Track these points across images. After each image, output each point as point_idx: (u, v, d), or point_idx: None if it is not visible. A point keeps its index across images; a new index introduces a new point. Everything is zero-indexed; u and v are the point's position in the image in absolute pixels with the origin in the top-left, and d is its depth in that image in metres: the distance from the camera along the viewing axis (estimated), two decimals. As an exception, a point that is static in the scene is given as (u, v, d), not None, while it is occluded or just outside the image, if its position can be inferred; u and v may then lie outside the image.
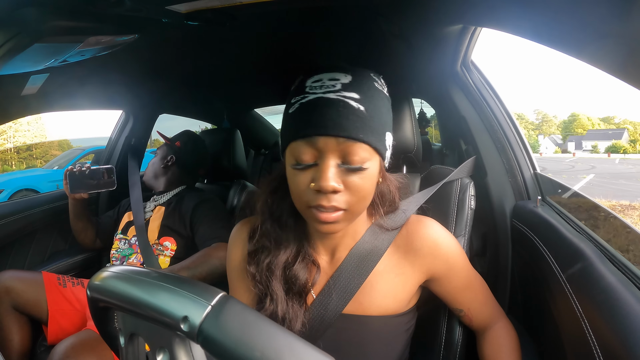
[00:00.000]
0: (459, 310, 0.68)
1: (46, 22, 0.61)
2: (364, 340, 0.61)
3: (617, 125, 65.42)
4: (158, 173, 1.40)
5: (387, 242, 0.62)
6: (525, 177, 1.02)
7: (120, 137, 1.68)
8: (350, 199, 0.52)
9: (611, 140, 48.76)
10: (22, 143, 19.74)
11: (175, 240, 1.24)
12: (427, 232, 0.62)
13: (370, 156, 0.52)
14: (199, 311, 0.29)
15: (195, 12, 0.72)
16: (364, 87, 0.53)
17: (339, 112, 0.50)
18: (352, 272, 0.61)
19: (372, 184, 0.54)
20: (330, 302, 0.60)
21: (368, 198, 0.55)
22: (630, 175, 15.54)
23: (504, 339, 0.68)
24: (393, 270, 0.62)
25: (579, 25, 0.45)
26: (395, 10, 0.86)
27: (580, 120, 65.60)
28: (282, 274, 0.60)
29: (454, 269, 0.64)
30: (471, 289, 0.67)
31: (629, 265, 0.60)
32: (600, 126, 67.34)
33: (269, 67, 1.37)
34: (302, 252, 0.62)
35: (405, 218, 0.64)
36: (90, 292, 0.37)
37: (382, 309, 0.61)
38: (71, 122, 78.22)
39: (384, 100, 0.56)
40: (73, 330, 1.15)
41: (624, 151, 43.91)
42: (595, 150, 46.37)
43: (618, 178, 14.33)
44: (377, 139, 0.53)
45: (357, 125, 0.50)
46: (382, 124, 0.54)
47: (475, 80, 1.12)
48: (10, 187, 5.76)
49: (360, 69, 0.55)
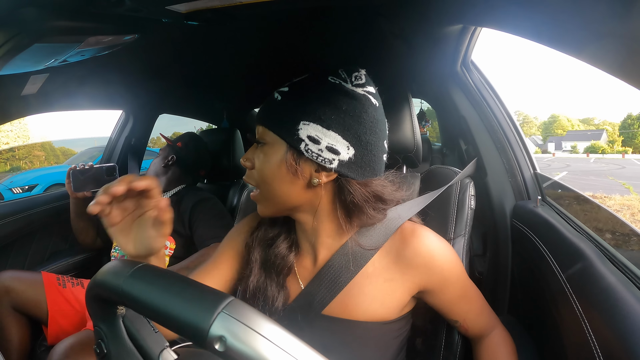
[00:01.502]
0: (454, 321, 0.67)
1: (46, 22, 0.61)
2: (350, 345, 0.60)
3: (597, 127, 66.02)
4: (159, 172, 1.40)
5: (375, 248, 0.61)
6: (525, 177, 1.02)
7: (120, 137, 1.68)
8: (257, 175, 0.59)
9: (590, 140, 49.14)
10: (5, 143, 19.68)
11: (174, 239, 1.24)
12: (421, 244, 0.60)
13: (272, 140, 0.56)
14: (236, 331, 0.28)
15: (195, 12, 0.72)
16: (303, 81, 0.57)
17: (265, 104, 0.59)
18: (337, 271, 0.60)
19: (270, 163, 0.57)
20: (317, 294, 0.60)
21: (269, 180, 0.57)
22: (601, 172, 16.34)
23: (500, 346, 0.68)
24: (382, 275, 0.60)
25: (579, 25, 0.45)
26: (395, 10, 0.86)
27: (560, 121, 65.93)
28: (265, 247, 0.65)
29: (449, 282, 0.62)
30: (466, 300, 0.66)
31: (629, 265, 0.60)
32: (580, 127, 67.74)
33: (269, 67, 1.37)
34: (290, 237, 0.65)
35: (396, 225, 0.61)
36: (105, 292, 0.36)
37: (368, 314, 0.60)
38: (54, 123, 78.22)
39: (325, 93, 0.54)
40: (73, 331, 1.15)
41: (602, 151, 44.31)
42: (574, 151, 46.75)
43: (589, 175, 14.99)
44: (278, 126, 0.55)
45: (266, 113, 0.58)
46: (298, 112, 0.54)
47: (475, 80, 1.12)
48: (44, 181, 5.84)
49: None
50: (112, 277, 0.36)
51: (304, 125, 0.54)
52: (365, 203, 0.57)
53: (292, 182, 0.56)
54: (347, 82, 0.55)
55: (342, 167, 0.55)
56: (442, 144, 2.36)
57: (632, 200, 7.77)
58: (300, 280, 0.64)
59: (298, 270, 0.64)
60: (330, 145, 0.53)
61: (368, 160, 0.56)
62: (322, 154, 0.54)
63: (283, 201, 0.58)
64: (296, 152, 0.55)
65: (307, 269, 0.64)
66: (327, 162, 0.54)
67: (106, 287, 0.36)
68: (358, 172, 0.56)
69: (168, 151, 1.42)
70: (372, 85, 0.58)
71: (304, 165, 0.55)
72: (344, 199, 0.57)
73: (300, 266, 0.65)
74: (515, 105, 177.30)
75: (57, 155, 15.15)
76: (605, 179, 12.54)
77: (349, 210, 0.58)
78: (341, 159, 0.54)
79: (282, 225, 0.67)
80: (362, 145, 0.55)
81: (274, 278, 0.63)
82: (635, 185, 10.67)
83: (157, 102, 1.69)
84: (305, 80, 0.58)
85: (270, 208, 0.61)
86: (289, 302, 0.63)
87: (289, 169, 0.55)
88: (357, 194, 0.56)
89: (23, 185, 5.77)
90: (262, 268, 0.64)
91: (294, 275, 0.64)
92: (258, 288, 0.63)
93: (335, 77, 0.56)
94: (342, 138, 0.54)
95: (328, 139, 0.53)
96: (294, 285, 0.64)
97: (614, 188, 9.78)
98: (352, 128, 0.54)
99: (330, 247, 0.62)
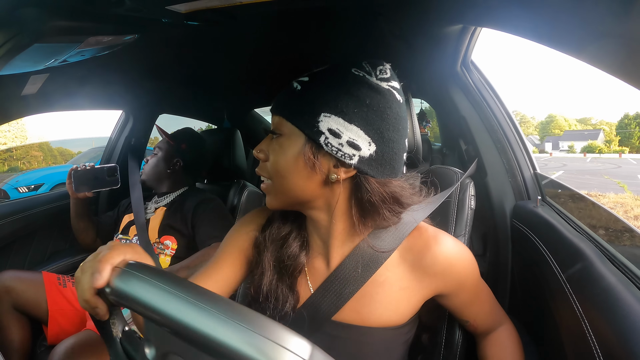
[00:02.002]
0: (465, 321, 0.67)
1: (46, 22, 0.61)
2: (361, 351, 0.59)
3: (594, 126, 65.86)
4: (163, 176, 1.36)
5: (389, 251, 0.58)
6: (525, 177, 1.02)
7: (120, 137, 1.68)
8: (270, 168, 0.56)
9: (587, 140, 49.27)
10: (3, 144, 19.67)
11: (176, 240, 1.24)
12: (439, 251, 0.57)
13: (289, 131, 0.54)
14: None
15: (195, 12, 0.72)
16: (324, 71, 0.55)
17: (283, 93, 0.56)
18: (348, 277, 0.58)
19: (286, 155, 0.54)
20: (323, 303, 0.59)
21: (284, 173, 0.54)
22: (596, 171, 16.69)
23: (507, 340, 0.67)
24: (397, 283, 0.59)
25: (579, 25, 0.45)
26: (395, 10, 0.86)
27: (557, 121, 65.88)
28: (277, 248, 0.62)
29: (464, 286, 0.61)
30: (479, 301, 0.65)
31: (629, 265, 0.60)
32: (577, 127, 67.70)
33: (269, 67, 1.37)
34: (301, 235, 0.63)
35: (410, 229, 0.58)
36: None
37: (382, 321, 0.59)
38: (52, 123, 78.18)
39: (348, 85, 0.52)
40: (73, 330, 1.15)
41: (599, 151, 44.45)
42: (571, 151, 46.90)
43: (584, 174, 15.24)
44: (297, 117, 0.53)
45: (284, 103, 0.55)
46: (318, 103, 0.52)
47: (475, 81, 1.12)
48: (50, 181, 5.88)
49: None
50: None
51: (324, 117, 0.51)
52: (382, 203, 0.54)
53: (308, 177, 0.54)
54: (371, 75, 0.53)
55: (362, 163, 0.52)
56: (442, 144, 2.36)
57: (625, 198, 7.88)
58: (309, 282, 0.62)
59: (308, 271, 0.62)
60: (352, 140, 0.51)
61: (389, 158, 0.54)
62: (342, 149, 0.51)
63: (296, 195, 0.56)
64: (315, 145, 0.52)
65: (317, 270, 0.62)
66: (347, 157, 0.51)
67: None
68: (378, 170, 0.53)
69: (171, 153, 1.38)
70: (397, 81, 0.55)
71: (322, 159, 0.53)
72: (361, 197, 0.54)
73: (310, 267, 0.62)
74: (513, 105, 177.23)
75: (54, 156, 15.18)
76: (600, 178, 12.75)
77: (365, 209, 0.55)
78: (362, 154, 0.52)
79: (293, 222, 0.63)
80: (385, 142, 0.53)
81: (286, 280, 0.60)
82: (630, 184, 10.79)
83: (157, 102, 1.69)
84: (327, 70, 0.55)
85: (280, 201, 0.58)
86: (298, 305, 0.61)
87: (306, 162, 0.53)
88: (375, 193, 0.53)
89: (29, 184, 5.79)
90: (275, 269, 0.61)
91: (304, 276, 0.62)
92: (270, 290, 0.60)
93: (358, 69, 0.53)
94: (364, 133, 0.51)
95: (350, 133, 0.51)
96: (304, 287, 0.62)
97: (608, 187, 9.95)
98: (374, 123, 0.52)
99: (342, 249, 0.60)
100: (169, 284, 0.34)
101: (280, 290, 0.60)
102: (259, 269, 0.62)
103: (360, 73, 0.53)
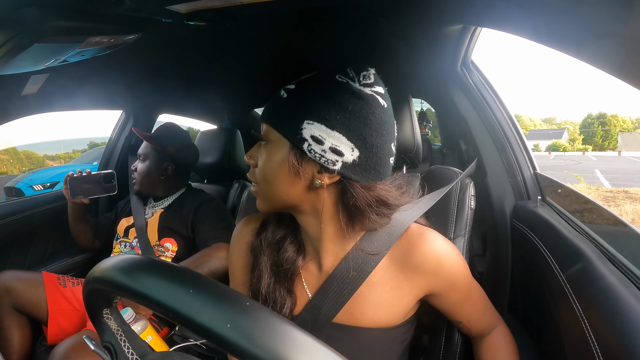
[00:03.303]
0: (458, 322, 0.67)
1: (46, 22, 0.61)
2: (356, 351, 0.60)
3: (558, 126, 66.89)
4: (156, 182, 1.33)
5: (381, 253, 0.59)
6: (525, 177, 1.02)
7: (120, 137, 1.68)
8: (257, 173, 0.58)
9: (552, 139, 50.02)
10: None
11: (175, 242, 1.24)
12: (428, 249, 0.59)
13: (275, 138, 0.55)
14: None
15: (195, 12, 0.72)
16: (309, 79, 0.55)
17: (271, 101, 0.57)
18: (343, 279, 0.59)
19: (271, 162, 0.55)
20: (324, 305, 0.59)
21: (270, 179, 0.56)
22: (558, 167, 17.75)
23: (502, 343, 0.68)
24: (388, 283, 0.60)
25: (579, 25, 0.45)
26: (395, 10, 0.86)
27: (523, 121, 66.43)
28: (273, 252, 0.63)
29: (455, 285, 0.61)
30: (471, 302, 0.65)
31: (629, 265, 0.60)
32: (542, 126, 68.56)
33: (269, 67, 1.37)
34: (296, 239, 0.64)
35: (401, 230, 0.60)
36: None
37: (374, 321, 0.59)
38: (21, 127, 77.83)
39: (331, 92, 0.53)
40: (73, 330, 1.15)
41: (564, 149, 45.33)
42: (537, 149, 47.26)
43: (547, 169, 16.15)
44: (282, 124, 0.54)
45: (271, 111, 0.56)
46: (302, 111, 0.52)
47: (475, 81, 1.12)
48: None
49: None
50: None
51: (307, 125, 0.52)
52: (368, 207, 0.55)
53: (293, 183, 0.55)
54: (354, 82, 0.53)
55: (346, 169, 0.53)
56: (442, 144, 2.36)
57: (580, 188, 8.50)
58: (306, 286, 0.62)
59: (304, 275, 0.63)
60: (334, 146, 0.52)
61: (373, 163, 0.54)
62: (325, 155, 0.52)
63: (283, 200, 0.57)
64: (299, 151, 0.53)
65: (312, 275, 0.63)
66: (330, 163, 0.52)
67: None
68: (362, 175, 0.54)
69: (160, 158, 1.31)
70: (381, 85, 0.56)
71: (306, 165, 0.54)
72: (347, 202, 0.55)
73: (305, 271, 0.63)
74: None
75: (21, 159, 15.27)
76: (561, 172, 13.60)
77: (352, 213, 0.56)
78: (345, 160, 0.52)
79: (288, 225, 0.64)
80: (368, 147, 0.53)
81: (283, 283, 0.61)
82: (586, 177, 11.84)
83: (157, 102, 1.69)
84: (313, 78, 0.56)
85: (269, 205, 0.59)
86: (296, 309, 0.61)
87: (290, 168, 0.54)
88: (360, 197, 0.54)
89: (44, 182, 5.76)
90: (272, 272, 0.62)
91: (300, 279, 0.63)
92: (268, 293, 0.61)
93: (343, 75, 0.54)
94: (347, 139, 0.52)
95: (332, 139, 0.52)
96: (300, 291, 0.62)
97: (567, 179, 10.72)
98: (357, 129, 0.52)
99: (334, 254, 0.60)
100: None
101: (278, 293, 0.61)
102: (256, 272, 0.63)
103: (343, 79, 0.53)
